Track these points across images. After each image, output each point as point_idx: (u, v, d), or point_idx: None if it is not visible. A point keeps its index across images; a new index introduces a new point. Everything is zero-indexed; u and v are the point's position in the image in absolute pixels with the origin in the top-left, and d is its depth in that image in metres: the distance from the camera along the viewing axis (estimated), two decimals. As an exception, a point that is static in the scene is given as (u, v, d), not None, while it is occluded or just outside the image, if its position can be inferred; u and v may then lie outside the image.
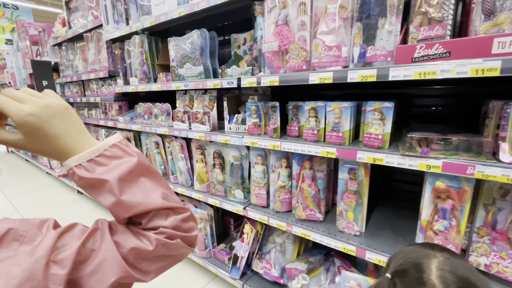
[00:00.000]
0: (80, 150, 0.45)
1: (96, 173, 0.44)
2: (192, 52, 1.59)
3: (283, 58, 1.23)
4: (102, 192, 0.45)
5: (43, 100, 0.43)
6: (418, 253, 0.61)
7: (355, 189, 1.16)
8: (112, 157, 0.46)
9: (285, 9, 1.18)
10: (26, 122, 0.40)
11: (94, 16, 2.29)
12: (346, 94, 1.73)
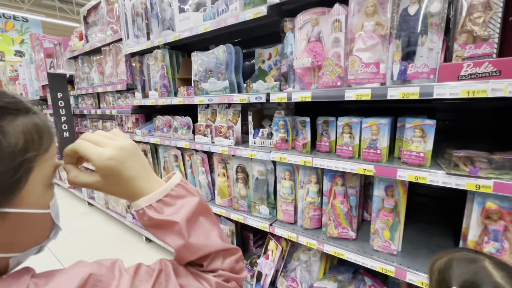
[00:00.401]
0: (149, 190, 0.45)
1: (165, 214, 0.44)
2: (217, 67, 1.60)
3: (315, 74, 1.23)
4: (169, 234, 0.45)
5: (118, 143, 0.43)
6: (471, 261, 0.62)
7: (392, 207, 1.13)
8: (177, 196, 0.47)
9: (317, 26, 1.18)
10: (107, 166, 0.41)
11: (113, 31, 2.32)
12: (369, 108, 1.72)
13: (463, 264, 0.62)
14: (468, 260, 0.62)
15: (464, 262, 0.62)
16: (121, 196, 0.46)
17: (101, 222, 2.99)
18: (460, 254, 0.65)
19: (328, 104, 1.78)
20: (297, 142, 1.35)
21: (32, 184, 0.35)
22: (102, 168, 0.41)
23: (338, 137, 1.22)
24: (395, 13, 0.99)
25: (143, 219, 0.45)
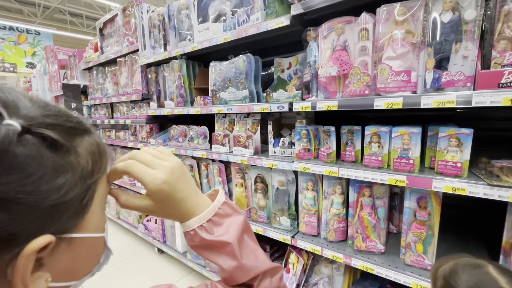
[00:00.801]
0: (198, 210, 0.44)
1: (216, 235, 0.42)
2: (236, 76, 1.59)
3: (340, 83, 1.21)
4: (221, 255, 0.43)
5: (168, 164, 0.42)
6: (475, 267, 0.63)
7: (426, 219, 1.08)
8: (224, 215, 0.45)
9: (343, 34, 1.17)
10: (160, 190, 0.40)
11: (130, 42, 2.35)
12: (385, 117, 1.68)
13: (468, 270, 0.63)
14: (473, 266, 0.63)
15: (469, 268, 0.63)
16: (171, 218, 0.44)
17: (112, 232, 2.96)
18: (464, 260, 0.66)
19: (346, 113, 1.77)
20: (321, 151, 1.32)
21: (94, 207, 0.34)
22: (156, 192, 0.40)
23: (365, 147, 1.19)
24: (426, 21, 0.97)
25: (194, 240, 0.43)
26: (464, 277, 0.62)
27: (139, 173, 0.39)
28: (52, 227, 0.27)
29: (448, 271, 0.66)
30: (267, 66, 1.91)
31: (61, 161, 0.27)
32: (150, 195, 0.41)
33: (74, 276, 0.33)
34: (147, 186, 0.40)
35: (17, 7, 10.45)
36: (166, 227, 2.35)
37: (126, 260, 2.44)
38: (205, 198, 0.46)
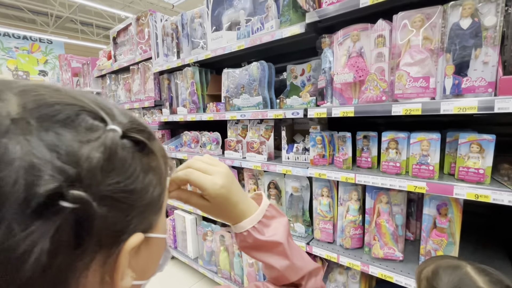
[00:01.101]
0: (249, 212, 0.46)
1: (267, 235, 0.45)
2: (249, 83, 1.61)
3: (356, 89, 1.21)
4: (273, 255, 0.45)
5: (221, 169, 0.45)
6: (455, 268, 0.66)
7: (446, 226, 1.06)
8: (271, 217, 0.47)
9: (359, 41, 1.18)
10: (219, 194, 0.43)
11: (143, 50, 2.40)
12: (396, 122, 1.67)
13: (449, 271, 0.66)
14: (453, 268, 0.66)
15: (449, 269, 0.66)
16: (224, 219, 0.47)
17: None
18: (445, 262, 0.70)
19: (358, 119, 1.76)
20: (336, 157, 1.32)
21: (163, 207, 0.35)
22: (215, 197, 0.43)
23: (382, 153, 1.18)
24: (444, 27, 0.98)
25: (247, 240, 0.45)
26: (445, 278, 0.65)
27: (199, 180, 0.42)
28: (142, 225, 0.28)
29: (431, 273, 0.69)
30: (279, 72, 1.93)
31: (148, 162, 0.29)
32: (210, 199, 0.44)
33: (145, 275, 0.34)
34: (206, 191, 0.42)
35: (31, 17, 10.81)
36: (177, 233, 2.35)
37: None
38: (252, 201, 0.49)
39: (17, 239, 0.19)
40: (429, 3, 1.02)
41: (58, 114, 0.23)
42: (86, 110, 0.25)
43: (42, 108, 0.23)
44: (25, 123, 0.22)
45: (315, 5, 1.27)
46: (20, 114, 0.22)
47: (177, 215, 2.31)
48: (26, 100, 0.23)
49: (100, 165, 0.23)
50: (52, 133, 0.22)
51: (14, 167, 0.20)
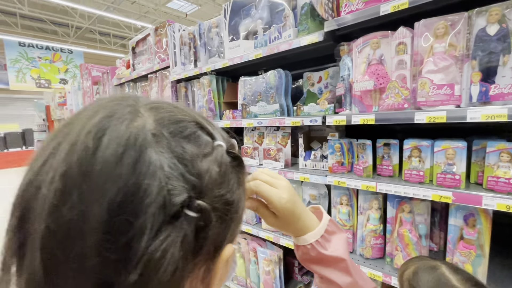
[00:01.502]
0: (311, 225, 0.46)
1: (330, 250, 0.44)
2: (266, 91, 1.63)
3: (376, 97, 1.20)
4: (334, 270, 0.45)
5: (284, 183, 0.46)
6: (432, 269, 0.70)
7: (474, 238, 1.02)
8: (331, 232, 0.47)
9: (379, 49, 1.18)
10: (285, 208, 0.44)
11: (161, 59, 2.48)
12: (418, 128, 1.62)
13: (427, 272, 0.70)
14: (430, 268, 0.71)
15: (427, 270, 0.71)
16: (288, 232, 0.47)
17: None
18: (423, 264, 0.74)
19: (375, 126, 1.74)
20: (356, 165, 1.30)
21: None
22: (281, 210, 0.44)
23: (404, 161, 1.16)
24: (469, 33, 0.96)
25: (309, 253, 0.45)
26: (424, 278, 0.69)
27: (267, 192, 0.44)
28: (232, 236, 0.30)
29: (411, 274, 0.73)
30: (295, 79, 1.94)
31: (240, 176, 0.31)
32: (276, 212, 0.45)
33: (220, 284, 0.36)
34: (273, 204, 0.44)
35: (53, 29, 11.38)
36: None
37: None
38: (312, 215, 0.49)
39: (155, 244, 0.21)
40: (451, 10, 1.01)
41: (185, 131, 0.26)
42: (201, 127, 0.28)
43: (172, 124, 0.26)
44: (162, 137, 0.24)
45: (334, 14, 1.28)
46: (156, 129, 0.24)
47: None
48: (158, 116, 0.26)
49: (215, 178, 0.26)
50: (180, 147, 0.25)
51: (157, 177, 0.22)
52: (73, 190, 0.21)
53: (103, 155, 0.21)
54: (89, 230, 0.20)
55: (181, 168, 0.24)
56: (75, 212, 0.20)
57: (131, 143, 0.22)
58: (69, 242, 0.20)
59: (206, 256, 0.26)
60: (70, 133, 0.23)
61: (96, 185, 0.21)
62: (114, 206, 0.21)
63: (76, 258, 0.20)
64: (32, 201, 0.22)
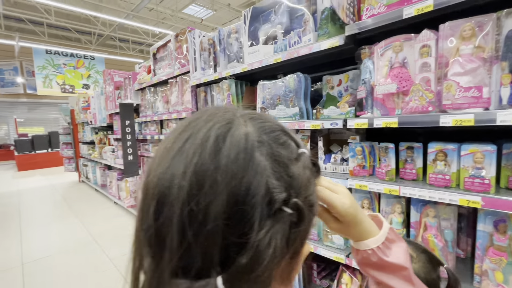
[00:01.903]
0: (372, 231, 0.47)
1: (392, 257, 0.44)
2: (285, 94, 1.65)
3: (399, 100, 1.19)
4: (395, 278, 0.44)
5: (344, 189, 0.47)
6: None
7: (506, 245, 0.99)
8: (391, 240, 0.47)
9: (402, 52, 1.17)
10: (349, 213, 0.44)
11: (181, 65, 2.57)
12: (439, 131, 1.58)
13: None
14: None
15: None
16: (349, 236, 0.48)
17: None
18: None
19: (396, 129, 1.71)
20: (378, 169, 1.30)
21: None
22: (344, 215, 0.45)
23: (429, 164, 1.14)
24: (498, 35, 0.94)
25: (370, 259, 0.45)
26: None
27: (329, 197, 0.45)
28: (309, 235, 0.34)
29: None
30: (313, 82, 1.95)
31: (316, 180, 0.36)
32: (339, 217, 0.46)
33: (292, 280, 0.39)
34: (336, 209, 0.44)
35: (76, 37, 11.98)
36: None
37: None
38: (372, 221, 0.49)
39: (262, 234, 0.25)
40: (476, 12, 0.99)
41: (280, 139, 0.31)
42: (289, 136, 0.32)
43: (271, 133, 0.30)
44: (264, 143, 0.29)
45: (355, 18, 1.29)
46: (260, 136, 0.29)
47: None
48: (258, 126, 0.30)
49: (303, 181, 0.30)
50: (278, 153, 0.29)
51: (264, 176, 0.27)
52: (204, 182, 0.25)
53: (226, 155, 0.26)
54: (215, 216, 0.25)
55: (280, 170, 0.28)
56: (206, 201, 0.25)
57: (244, 147, 0.27)
58: (200, 224, 0.25)
59: (293, 250, 0.29)
60: (192, 136, 0.28)
61: (220, 180, 0.25)
62: (233, 197, 0.25)
63: (205, 238, 0.25)
64: (167, 190, 0.26)
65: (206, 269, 0.25)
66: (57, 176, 7.83)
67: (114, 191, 4.69)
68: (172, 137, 0.30)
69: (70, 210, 4.48)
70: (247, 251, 0.25)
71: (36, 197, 5.52)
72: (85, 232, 3.50)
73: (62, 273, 2.52)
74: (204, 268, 0.25)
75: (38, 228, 3.76)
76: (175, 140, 0.29)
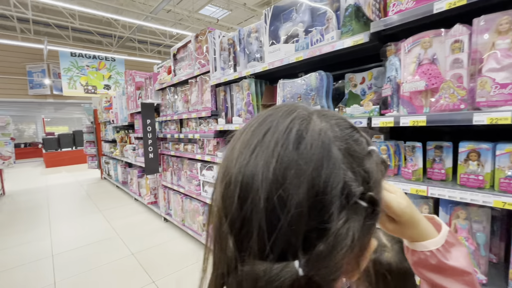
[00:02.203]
0: (429, 232, 0.45)
1: (453, 261, 0.43)
2: (307, 93, 1.64)
3: (428, 97, 1.16)
4: (456, 282, 0.43)
5: (399, 189, 0.47)
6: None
7: (545, 249, 0.94)
8: (451, 243, 0.45)
9: (431, 48, 1.14)
10: (405, 213, 0.44)
11: (201, 65, 2.62)
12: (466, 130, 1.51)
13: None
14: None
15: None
16: (404, 236, 0.47)
17: (175, 238, 3.20)
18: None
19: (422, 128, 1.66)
20: (404, 168, 1.26)
21: None
22: (401, 215, 0.43)
23: (459, 164, 1.10)
24: (539, 29, 0.89)
25: (428, 260, 0.44)
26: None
27: (386, 197, 0.44)
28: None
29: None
30: (334, 80, 1.92)
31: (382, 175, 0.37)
32: (395, 217, 0.45)
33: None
34: (392, 209, 0.43)
35: (98, 39, 12.49)
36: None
37: (191, 266, 2.60)
38: (429, 222, 0.48)
39: (340, 224, 0.27)
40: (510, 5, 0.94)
41: (353, 136, 0.32)
42: (360, 133, 0.34)
43: (345, 130, 0.32)
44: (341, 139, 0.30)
45: (381, 14, 1.26)
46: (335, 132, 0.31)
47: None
48: (333, 122, 0.32)
49: (376, 176, 0.31)
50: (353, 149, 0.30)
51: (341, 170, 0.28)
52: (287, 172, 0.27)
53: (307, 148, 0.28)
54: (297, 204, 0.26)
55: (356, 165, 0.30)
56: (290, 189, 0.27)
57: (323, 141, 0.29)
58: (283, 211, 0.26)
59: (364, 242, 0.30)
60: (271, 130, 0.30)
61: (303, 170, 0.27)
62: (314, 187, 0.27)
63: (288, 225, 0.26)
64: (251, 180, 0.28)
65: (284, 253, 0.27)
66: (81, 172, 8.22)
67: (134, 188, 4.86)
68: (249, 131, 0.32)
69: (94, 205, 4.69)
70: (327, 238, 0.26)
71: (62, 192, 5.82)
72: (108, 227, 3.66)
73: (90, 264, 2.65)
74: (283, 252, 0.27)
75: (66, 221, 3.97)
76: (253, 133, 0.31)
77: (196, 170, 2.84)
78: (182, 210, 3.21)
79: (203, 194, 2.79)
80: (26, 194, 5.75)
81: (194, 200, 2.99)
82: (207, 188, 2.74)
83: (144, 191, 4.42)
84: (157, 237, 3.26)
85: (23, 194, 5.75)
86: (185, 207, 3.14)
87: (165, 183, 3.61)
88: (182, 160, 3.22)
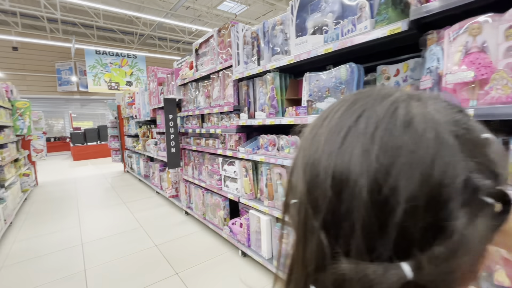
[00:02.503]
0: None
1: None
2: (336, 86, 1.58)
3: (475, 89, 1.07)
4: None
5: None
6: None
7: None
8: None
9: (480, 35, 1.04)
10: None
11: (223, 60, 2.60)
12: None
13: None
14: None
15: None
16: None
17: (196, 232, 3.25)
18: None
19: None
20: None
21: None
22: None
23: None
24: None
25: None
26: None
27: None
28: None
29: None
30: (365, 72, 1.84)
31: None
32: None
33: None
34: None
35: (121, 37, 12.89)
36: (251, 232, 2.45)
37: (212, 260, 2.63)
38: None
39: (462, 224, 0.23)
40: None
41: (467, 121, 0.27)
42: (470, 118, 0.29)
43: (454, 115, 0.27)
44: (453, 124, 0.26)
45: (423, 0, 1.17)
46: (447, 116, 0.26)
47: (252, 215, 2.41)
48: (442, 105, 0.27)
49: (501, 169, 0.27)
50: (468, 136, 0.26)
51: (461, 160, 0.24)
52: (394, 160, 0.23)
53: (417, 132, 0.24)
54: (408, 198, 0.23)
55: (478, 154, 0.25)
56: (398, 180, 0.23)
57: (433, 125, 0.25)
58: (390, 205, 0.23)
59: (485, 248, 0.26)
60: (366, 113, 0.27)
61: (413, 158, 0.23)
62: (428, 178, 0.23)
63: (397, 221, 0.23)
64: (346, 170, 0.25)
65: (391, 253, 0.23)
66: (106, 166, 8.60)
67: (156, 181, 5.00)
68: (334, 116, 0.29)
69: (118, 197, 4.88)
70: (447, 239, 0.23)
71: (89, 184, 6.12)
72: (132, 218, 3.79)
73: (117, 254, 2.76)
74: (390, 251, 0.23)
75: (93, 211, 4.16)
76: (340, 118, 0.28)
77: (218, 165, 2.85)
78: (203, 204, 3.25)
79: (224, 189, 2.81)
80: (56, 185, 6.10)
81: (215, 195, 3.01)
82: (229, 183, 2.75)
83: (165, 185, 4.53)
84: (179, 230, 3.33)
85: (54, 185, 6.11)
86: (206, 201, 3.18)
87: (187, 177, 3.67)
88: (203, 155, 3.25)
